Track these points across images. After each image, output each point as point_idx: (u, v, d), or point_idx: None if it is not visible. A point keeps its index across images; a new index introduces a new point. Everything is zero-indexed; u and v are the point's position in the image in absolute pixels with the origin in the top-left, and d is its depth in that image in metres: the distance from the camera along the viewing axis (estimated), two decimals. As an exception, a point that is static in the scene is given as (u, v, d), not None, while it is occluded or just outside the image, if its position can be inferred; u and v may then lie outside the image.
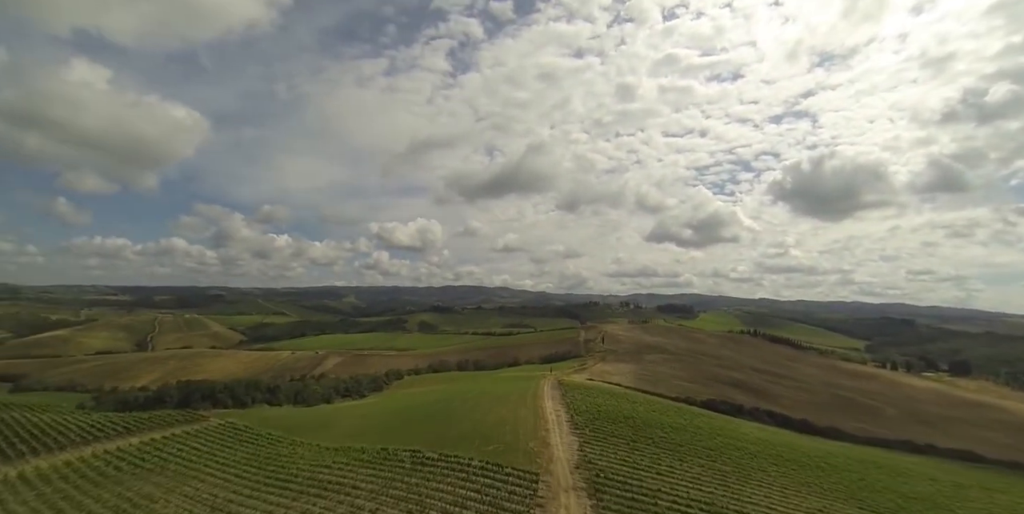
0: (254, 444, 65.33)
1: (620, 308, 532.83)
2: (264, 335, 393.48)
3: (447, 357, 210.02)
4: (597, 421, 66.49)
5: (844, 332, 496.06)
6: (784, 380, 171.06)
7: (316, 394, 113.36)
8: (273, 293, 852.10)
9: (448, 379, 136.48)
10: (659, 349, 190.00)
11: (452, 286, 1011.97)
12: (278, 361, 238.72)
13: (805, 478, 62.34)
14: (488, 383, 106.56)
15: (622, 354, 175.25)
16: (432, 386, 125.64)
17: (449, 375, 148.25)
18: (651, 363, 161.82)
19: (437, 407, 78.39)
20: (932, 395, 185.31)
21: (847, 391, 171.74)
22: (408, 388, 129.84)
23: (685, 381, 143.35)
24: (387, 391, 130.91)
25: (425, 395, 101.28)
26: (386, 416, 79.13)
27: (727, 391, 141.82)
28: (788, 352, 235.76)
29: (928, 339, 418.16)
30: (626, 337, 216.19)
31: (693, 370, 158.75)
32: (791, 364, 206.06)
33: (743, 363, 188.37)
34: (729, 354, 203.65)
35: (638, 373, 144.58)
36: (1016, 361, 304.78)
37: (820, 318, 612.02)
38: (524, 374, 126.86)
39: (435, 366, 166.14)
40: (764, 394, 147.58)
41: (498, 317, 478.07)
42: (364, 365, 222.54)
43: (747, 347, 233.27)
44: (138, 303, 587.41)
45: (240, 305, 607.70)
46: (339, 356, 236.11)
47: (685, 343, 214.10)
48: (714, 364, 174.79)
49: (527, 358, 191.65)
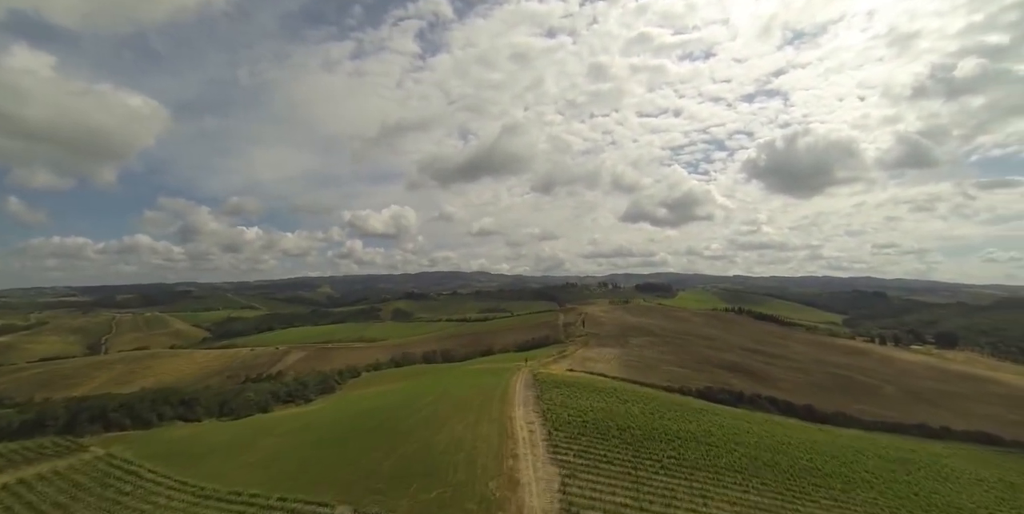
0: (114, 488, 46.85)
1: (598, 289, 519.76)
2: (230, 331, 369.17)
3: (415, 348, 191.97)
4: (584, 437, 49.57)
5: (820, 306, 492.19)
6: (777, 360, 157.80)
7: (249, 402, 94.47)
8: (245, 287, 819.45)
9: (411, 374, 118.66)
10: (644, 331, 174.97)
11: (428, 272, 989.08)
12: (236, 359, 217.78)
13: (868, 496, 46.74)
14: (452, 381, 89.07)
15: (605, 338, 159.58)
16: (390, 385, 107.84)
17: (414, 369, 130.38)
18: (637, 347, 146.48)
19: (380, 419, 60.77)
20: (926, 370, 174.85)
21: (842, 369, 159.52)
22: (364, 388, 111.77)
23: (676, 366, 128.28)
24: (340, 392, 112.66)
25: (376, 398, 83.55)
26: (316, 434, 61.26)
27: (722, 375, 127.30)
28: (775, 329, 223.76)
29: (903, 311, 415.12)
30: (608, 319, 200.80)
31: (683, 353, 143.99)
32: (781, 342, 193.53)
33: (733, 343, 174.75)
34: (717, 334, 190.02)
35: (624, 359, 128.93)
36: (993, 331, 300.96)
37: (794, 293, 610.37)
38: (496, 366, 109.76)
39: (399, 359, 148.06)
40: (760, 377, 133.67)
41: (474, 302, 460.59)
42: (328, 359, 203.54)
43: (734, 325, 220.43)
44: (98, 303, 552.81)
45: (209, 301, 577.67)
46: (302, 351, 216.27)
47: (670, 323, 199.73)
48: (704, 345, 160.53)
49: (502, 346, 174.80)
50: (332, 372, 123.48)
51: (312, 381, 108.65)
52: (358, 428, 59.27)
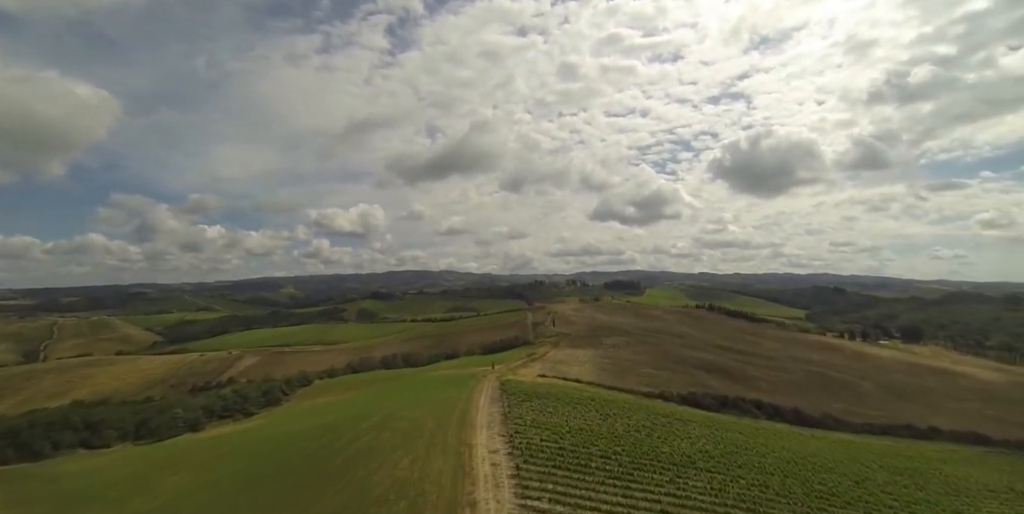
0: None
1: (567, 287, 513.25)
2: (184, 335, 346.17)
3: (376, 351, 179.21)
4: (560, 471, 39.25)
5: (784, 302, 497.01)
6: (753, 358, 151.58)
7: (175, 421, 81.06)
8: (204, 288, 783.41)
9: (367, 382, 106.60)
10: (616, 330, 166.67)
11: (396, 271, 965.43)
12: (183, 365, 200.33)
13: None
14: (407, 392, 77.82)
15: (576, 338, 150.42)
16: (342, 395, 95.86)
17: (371, 376, 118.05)
18: (611, 348, 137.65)
19: (315, 446, 49.36)
20: (898, 364, 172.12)
21: (817, 366, 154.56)
22: (313, 398, 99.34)
23: (652, 367, 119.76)
24: (286, 404, 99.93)
25: (319, 414, 71.60)
26: (233, 466, 49.40)
27: (700, 376, 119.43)
28: (746, 326, 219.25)
29: (863, 306, 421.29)
30: (578, 318, 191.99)
31: (658, 353, 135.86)
32: (753, 339, 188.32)
33: (707, 341, 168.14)
34: (690, 332, 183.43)
35: (598, 362, 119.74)
36: (951, 324, 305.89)
37: (758, 289, 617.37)
38: (460, 372, 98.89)
39: (356, 365, 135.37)
40: (738, 377, 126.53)
41: (441, 301, 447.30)
42: (283, 365, 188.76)
43: (705, 323, 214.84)
44: (40, 307, 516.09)
45: (164, 303, 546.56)
46: (255, 356, 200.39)
47: (642, 322, 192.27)
48: (678, 344, 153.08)
49: (468, 347, 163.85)
50: (280, 381, 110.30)
51: (254, 393, 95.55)
52: (285, 461, 47.63)
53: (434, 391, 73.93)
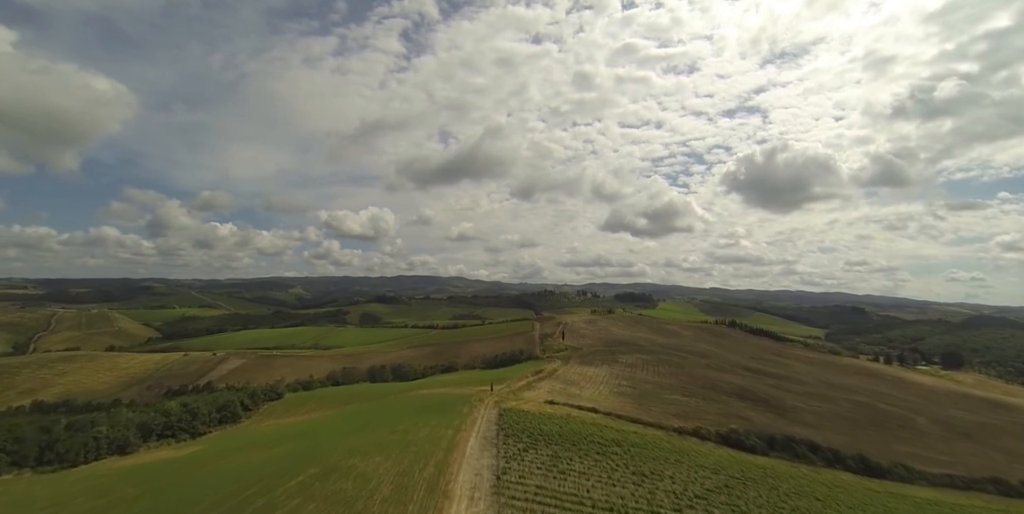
0: None
1: (577, 297, 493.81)
2: (182, 331, 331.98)
3: (369, 359, 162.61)
4: None
5: (800, 320, 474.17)
6: (788, 383, 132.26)
7: (96, 442, 64.43)
8: (215, 285, 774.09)
9: (341, 400, 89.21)
10: (632, 345, 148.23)
11: (405, 276, 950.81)
12: (164, 365, 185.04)
13: None
14: (378, 421, 60.37)
15: (588, 354, 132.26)
16: (308, 415, 78.79)
17: (350, 392, 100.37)
18: (628, 367, 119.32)
19: (225, 508, 32.17)
20: (947, 395, 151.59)
21: (862, 395, 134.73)
22: (275, 417, 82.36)
23: (679, 393, 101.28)
24: (245, 422, 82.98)
25: (268, 443, 54.43)
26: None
27: (735, 406, 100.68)
28: (771, 345, 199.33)
29: (884, 327, 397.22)
30: (590, 331, 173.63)
31: (682, 375, 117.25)
32: (781, 360, 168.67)
33: (731, 361, 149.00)
34: (713, 350, 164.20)
35: (615, 384, 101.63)
36: (984, 350, 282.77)
37: (772, 306, 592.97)
38: (453, 392, 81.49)
39: (339, 376, 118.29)
40: (777, 407, 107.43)
41: (447, 307, 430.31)
42: (268, 369, 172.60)
43: (728, 340, 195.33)
44: (49, 297, 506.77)
45: (170, 298, 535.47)
46: (241, 358, 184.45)
47: (660, 337, 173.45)
48: (702, 364, 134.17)
49: (469, 359, 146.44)
50: (244, 394, 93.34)
51: (206, 409, 78.59)
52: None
53: (413, 422, 56.47)
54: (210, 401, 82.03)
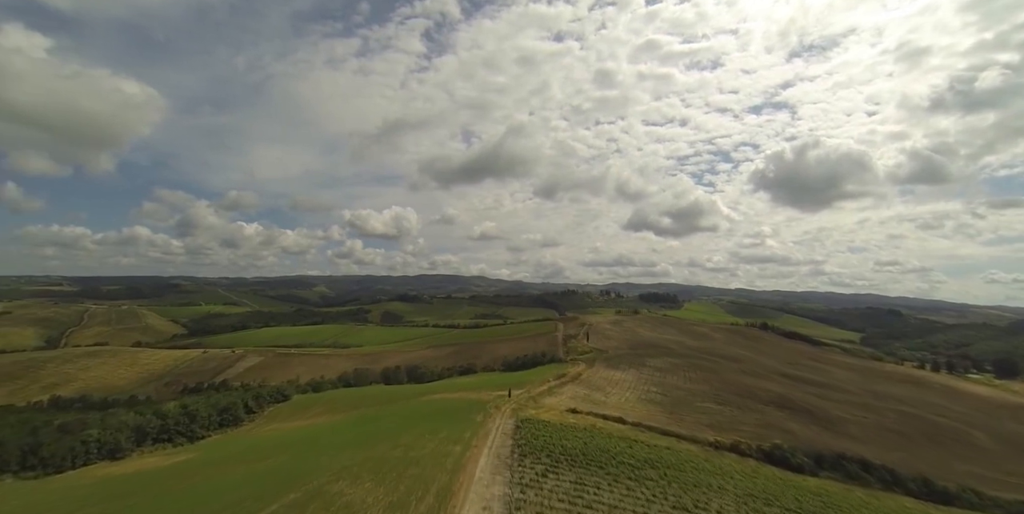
0: None
1: (600, 297, 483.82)
2: (206, 328, 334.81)
3: (386, 359, 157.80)
4: None
5: (831, 323, 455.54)
6: (830, 392, 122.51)
7: (88, 446, 60.10)
8: (241, 283, 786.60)
9: (351, 403, 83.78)
10: (661, 348, 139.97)
11: (427, 275, 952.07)
12: (184, 362, 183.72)
13: None
14: (382, 431, 54.40)
15: (614, 357, 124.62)
16: (313, 420, 73.46)
17: (361, 394, 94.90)
18: (657, 371, 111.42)
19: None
20: (1006, 408, 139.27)
21: (908, 405, 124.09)
22: (279, 421, 77.28)
23: (713, 401, 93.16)
24: (247, 425, 78.17)
25: (261, 452, 48.95)
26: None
27: (774, 416, 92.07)
28: (806, 349, 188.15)
29: (925, 331, 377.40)
30: (616, 332, 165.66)
31: (715, 381, 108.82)
32: (820, 366, 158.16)
33: (768, 366, 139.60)
34: (746, 354, 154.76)
35: (643, 389, 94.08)
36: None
37: (802, 308, 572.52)
38: (468, 397, 75.28)
39: (351, 378, 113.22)
40: (820, 418, 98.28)
41: (469, 306, 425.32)
42: (285, 367, 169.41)
43: (761, 344, 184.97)
44: (82, 294, 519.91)
45: (198, 295, 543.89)
46: (259, 356, 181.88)
47: (689, 339, 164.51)
48: (736, 369, 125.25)
49: (488, 361, 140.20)
50: (249, 395, 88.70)
51: (205, 412, 73.92)
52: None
53: (419, 433, 50.28)
54: (211, 403, 77.44)
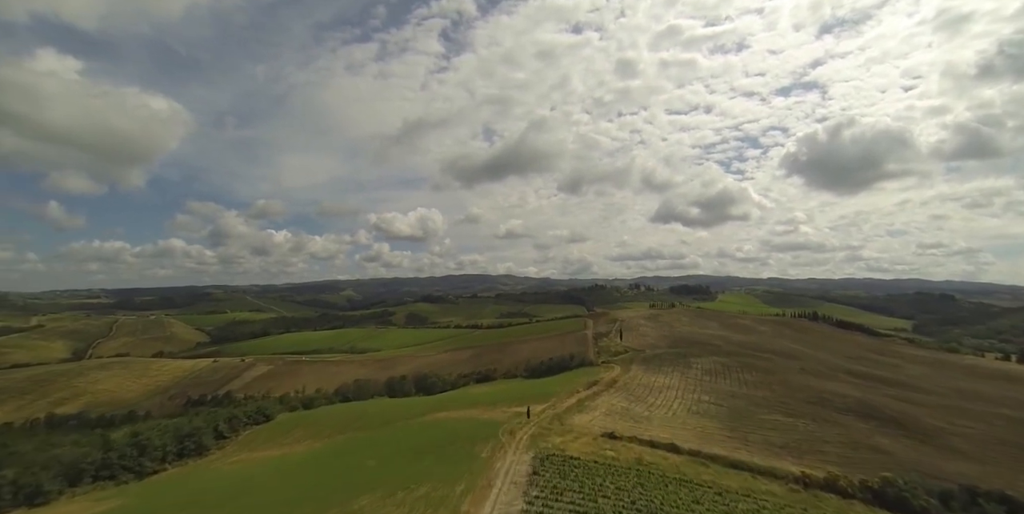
0: None
1: (629, 291, 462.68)
2: (230, 335, 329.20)
3: (402, 364, 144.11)
4: None
5: (879, 310, 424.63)
6: (911, 393, 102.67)
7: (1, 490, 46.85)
8: (270, 289, 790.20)
9: (342, 424, 69.14)
10: (705, 345, 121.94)
11: (454, 275, 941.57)
12: (192, 373, 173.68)
13: None
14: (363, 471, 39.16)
15: (653, 358, 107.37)
16: (292, 447, 58.93)
17: (354, 412, 79.71)
18: (706, 374, 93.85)
19: None
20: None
21: (1008, 407, 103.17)
22: (250, 450, 63.04)
23: (780, 412, 75.29)
24: (213, 455, 64.18)
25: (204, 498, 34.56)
26: None
27: (858, 430, 73.61)
28: (865, 341, 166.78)
29: (985, 316, 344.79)
30: (651, 329, 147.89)
31: (776, 384, 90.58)
32: (887, 360, 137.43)
33: (829, 363, 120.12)
34: (800, 349, 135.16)
35: (693, 400, 76.88)
36: None
37: (841, 296, 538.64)
38: (479, 416, 59.84)
39: (349, 390, 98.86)
40: (914, 429, 79.19)
41: (495, 305, 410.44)
42: (294, 376, 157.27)
43: (811, 335, 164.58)
44: (119, 305, 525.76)
45: (228, 303, 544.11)
46: (268, 364, 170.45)
47: (734, 334, 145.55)
48: (795, 369, 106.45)
49: (511, 365, 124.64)
50: (220, 418, 74.78)
51: (159, 441, 60.22)
52: None
53: (400, 479, 34.90)
54: (169, 430, 63.96)
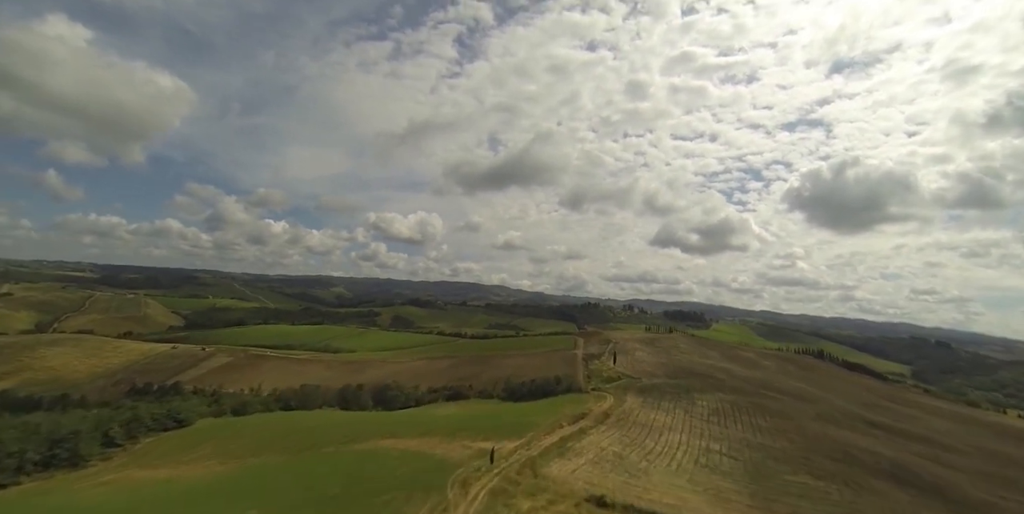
0: None
1: (623, 312, 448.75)
2: (205, 321, 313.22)
3: (365, 371, 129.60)
4: None
5: (873, 352, 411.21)
6: (940, 452, 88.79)
7: None
8: (261, 279, 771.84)
9: (264, 444, 54.80)
10: (707, 378, 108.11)
11: (447, 281, 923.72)
12: (149, 357, 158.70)
13: None
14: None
15: (651, 389, 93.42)
16: (185, 469, 44.49)
17: (284, 427, 65.21)
18: (713, 414, 79.90)
19: None
20: None
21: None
22: (137, 465, 48.67)
23: (806, 472, 61.36)
24: (90, 468, 49.75)
25: None
26: None
27: (897, 501, 59.69)
28: (874, 385, 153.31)
29: (985, 367, 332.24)
30: (648, 354, 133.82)
31: (794, 433, 76.66)
32: (904, 410, 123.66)
33: (844, 409, 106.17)
34: (808, 389, 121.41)
35: (702, 448, 62.92)
36: None
37: (835, 335, 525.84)
38: (428, 455, 45.87)
39: (292, 397, 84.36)
40: (957, 501, 65.33)
41: (484, 314, 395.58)
42: (254, 370, 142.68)
43: (816, 374, 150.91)
44: (102, 281, 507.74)
45: (215, 289, 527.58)
46: (229, 356, 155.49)
47: (738, 367, 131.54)
48: (811, 414, 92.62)
49: (488, 381, 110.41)
50: (117, 421, 60.45)
51: (13, 447, 45.80)
52: None
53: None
54: (32, 432, 49.72)
